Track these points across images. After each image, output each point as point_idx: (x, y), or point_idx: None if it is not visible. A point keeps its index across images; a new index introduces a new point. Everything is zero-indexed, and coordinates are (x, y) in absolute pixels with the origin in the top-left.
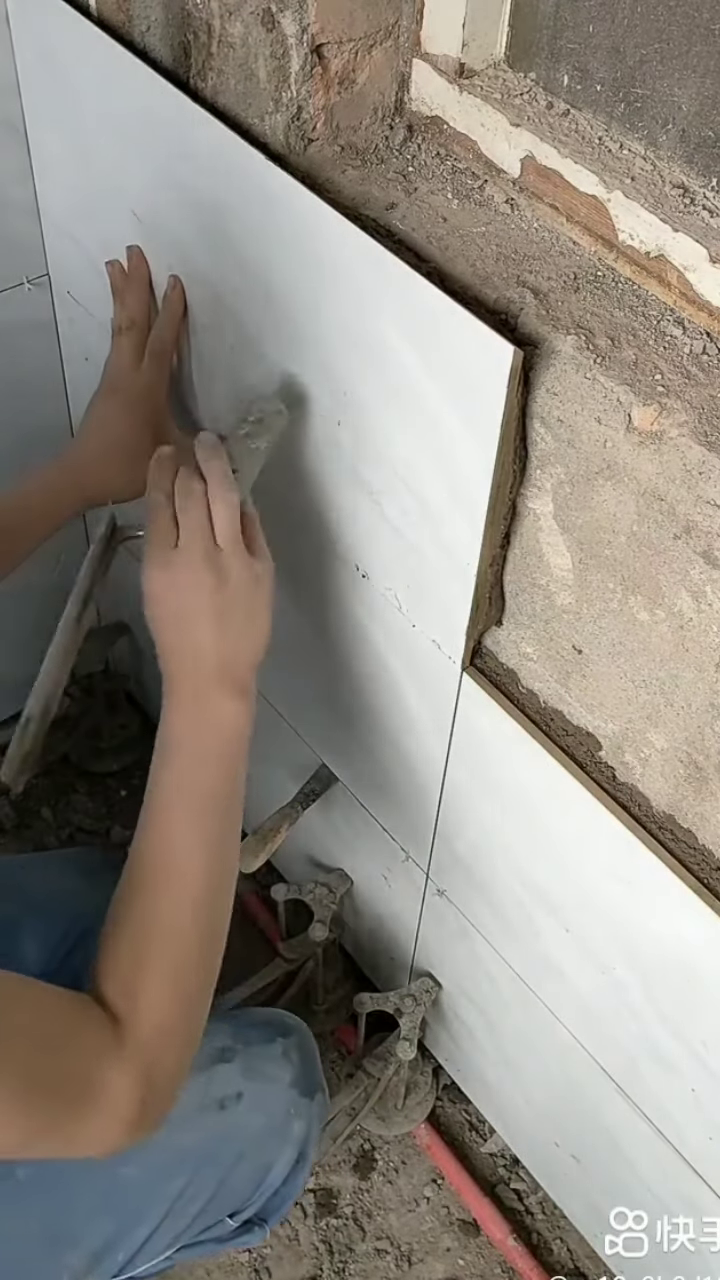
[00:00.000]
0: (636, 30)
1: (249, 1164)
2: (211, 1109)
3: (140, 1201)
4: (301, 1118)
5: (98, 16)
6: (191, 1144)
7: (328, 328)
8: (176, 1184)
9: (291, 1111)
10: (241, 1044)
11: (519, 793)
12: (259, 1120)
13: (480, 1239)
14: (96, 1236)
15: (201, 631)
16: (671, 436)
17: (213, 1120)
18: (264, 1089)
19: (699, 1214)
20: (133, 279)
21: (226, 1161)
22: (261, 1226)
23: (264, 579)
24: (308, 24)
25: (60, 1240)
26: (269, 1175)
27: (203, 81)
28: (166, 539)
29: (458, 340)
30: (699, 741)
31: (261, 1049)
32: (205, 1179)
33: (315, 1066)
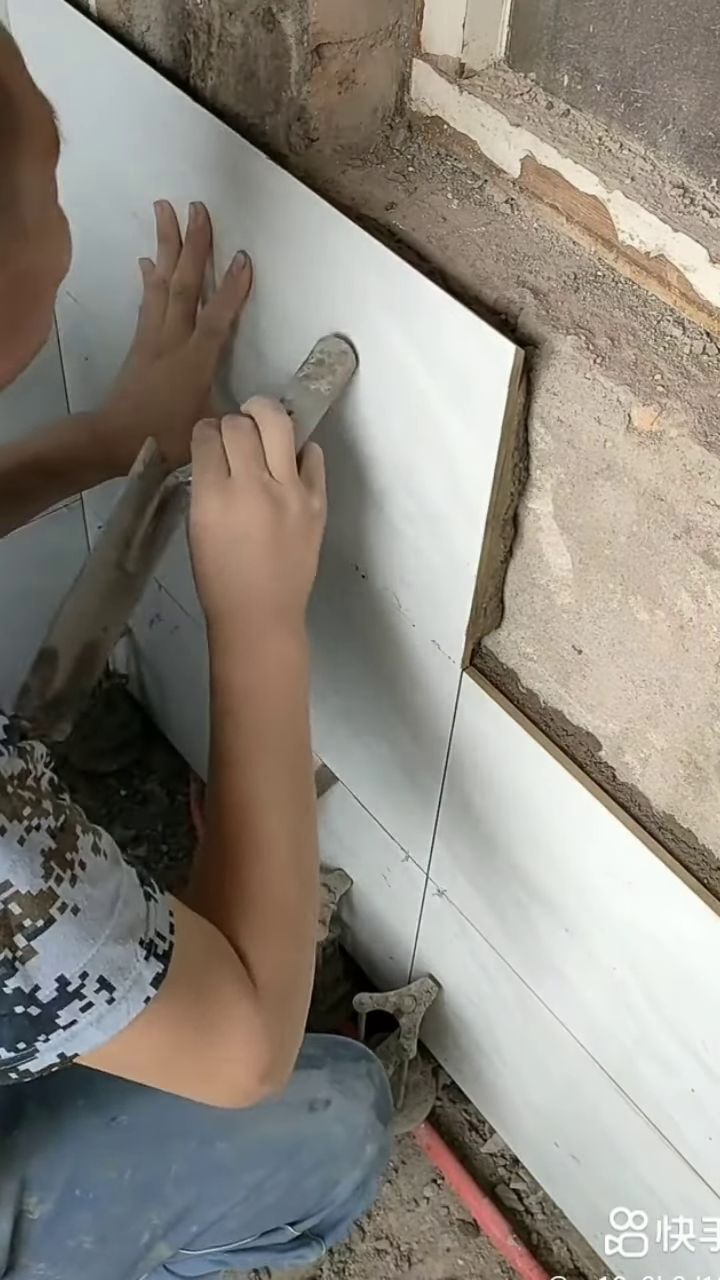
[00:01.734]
0: (636, 30)
1: (321, 1174)
2: (302, 1109)
3: (223, 1179)
4: (375, 1142)
5: (98, 16)
6: (279, 1137)
7: (327, 327)
8: (258, 1173)
9: (368, 1132)
10: (330, 1056)
11: (519, 793)
12: (340, 1132)
13: (480, 1239)
14: (180, 1200)
15: (258, 565)
16: (671, 436)
17: (301, 1120)
18: (350, 1103)
19: (699, 1214)
20: (195, 240)
21: (304, 1165)
22: (318, 1243)
23: (320, 516)
24: (308, 24)
25: (149, 1195)
26: (334, 1190)
27: (203, 81)
28: (219, 466)
29: (458, 340)
30: (699, 741)
31: (348, 1065)
32: (282, 1176)
33: (389, 1099)
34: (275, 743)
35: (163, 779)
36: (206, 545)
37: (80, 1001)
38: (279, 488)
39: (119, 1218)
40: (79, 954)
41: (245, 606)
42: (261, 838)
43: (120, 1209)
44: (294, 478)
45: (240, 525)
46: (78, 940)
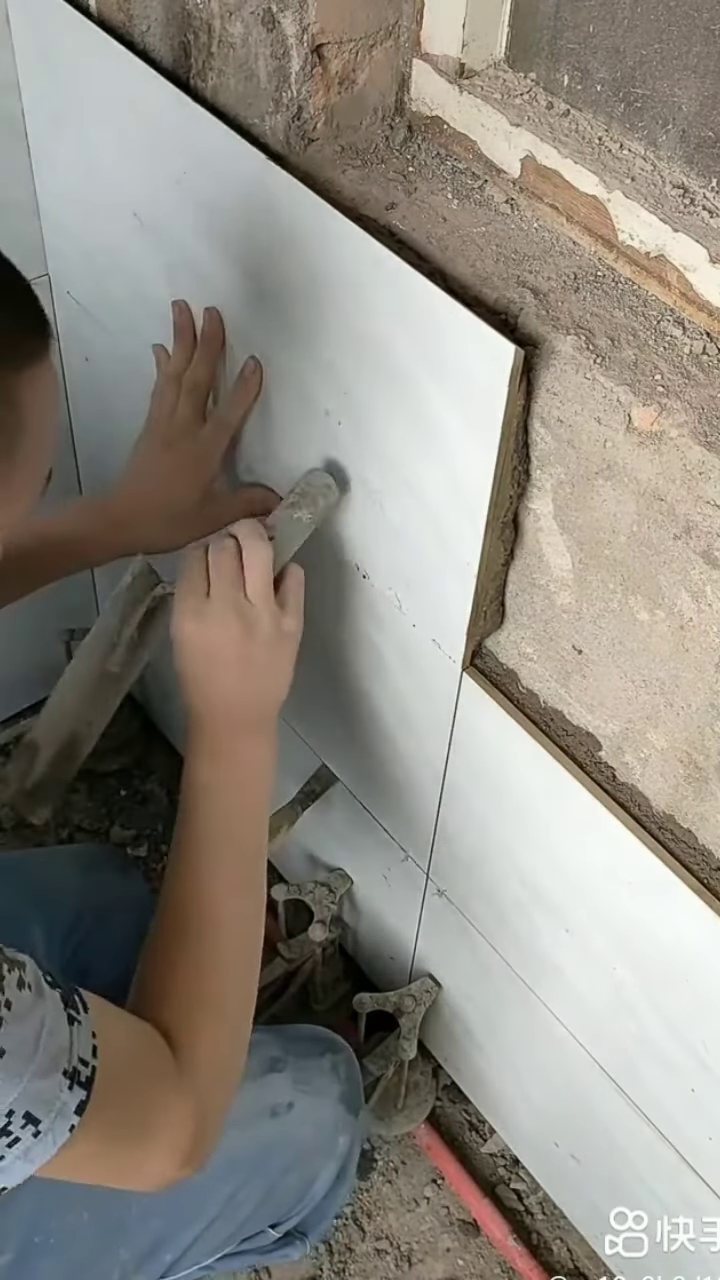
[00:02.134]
0: (636, 30)
1: (295, 1175)
2: (264, 1116)
3: (192, 1203)
4: (346, 1133)
5: (98, 16)
6: (244, 1149)
7: (328, 327)
8: (227, 1189)
9: (338, 1126)
10: (292, 1055)
11: (519, 793)
12: (308, 1132)
13: (480, 1239)
14: (147, 1235)
15: (227, 679)
16: (671, 437)
17: (265, 1128)
18: (314, 1101)
19: (699, 1214)
20: (209, 342)
21: (275, 1170)
22: (302, 1240)
23: (292, 636)
24: (308, 24)
25: (113, 1234)
26: (312, 1188)
27: (203, 81)
28: (198, 589)
29: (459, 340)
30: (699, 741)
31: (312, 1062)
32: (254, 1186)
33: (359, 1086)
34: (233, 837)
35: (163, 779)
36: (186, 656)
37: (7, 1138)
38: (252, 610)
39: (83, 1260)
40: (4, 1094)
41: (218, 713)
42: (208, 930)
43: (84, 1252)
44: (268, 600)
45: (213, 643)
46: (3, 1081)
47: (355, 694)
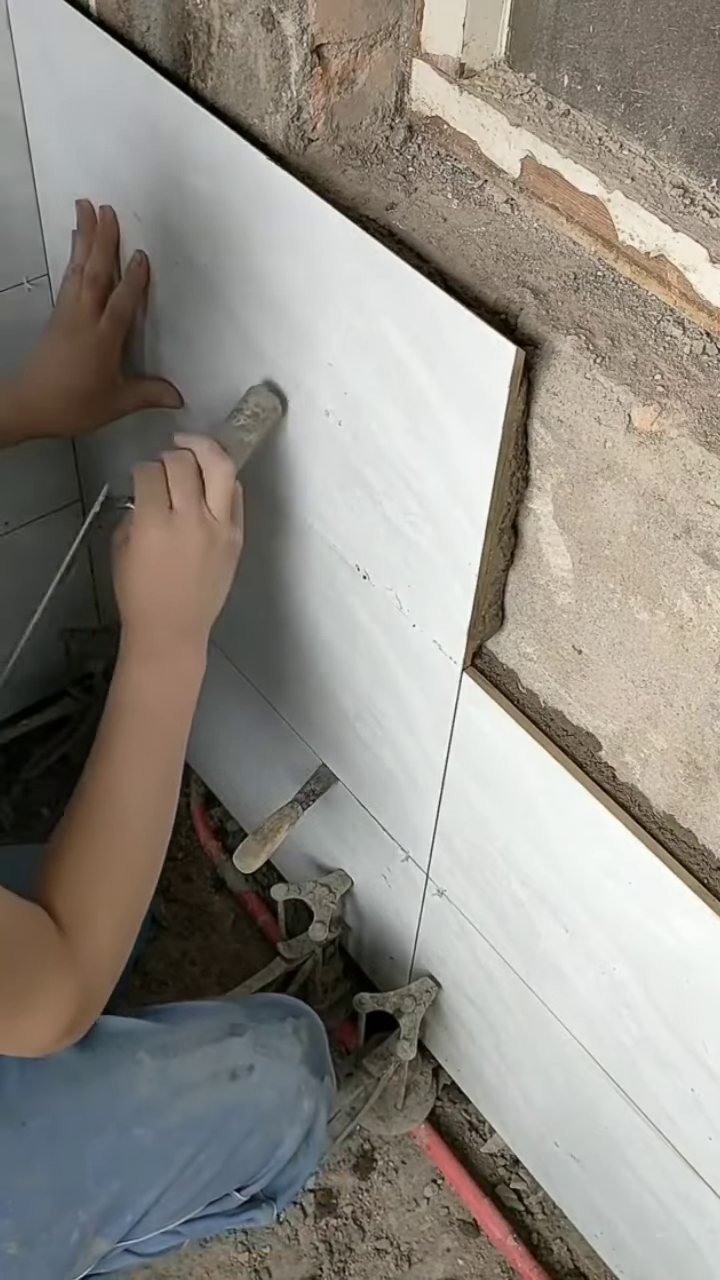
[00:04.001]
0: (636, 31)
1: (258, 1138)
2: (224, 1079)
3: (150, 1164)
4: (310, 1097)
5: (98, 16)
6: (203, 1112)
7: (328, 327)
8: (186, 1150)
9: (301, 1089)
10: (253, 1021)
11: (519, 793)
12: (270, 1095)
13: (480, 1239)
14: (105, 1194)
15: (184, 587)
16: (671, 436)
17: (225, 1090)
18: (275, 1064)
19: (699, 1214)
20: (106, 235)
21: (237, 1133)
22: (269, 1204)
23: (238, 549)
24: (308, 24)
25: (70, 1194)
26: (278, 1151)
27: (203, 81)
28: (161, 499)
29: (459, 340)
30: (699, 741)
31: (273, 1026)
32: (215, 1148)
33: (324, 1050)
34: (157, 737)
35: None
36: (139, 562)
37: None
38: (214, 524)
39: (42, 1221)
40: None
41: (163, 618)
42: (118, 823)
43: (42, 1212)
44: (228, 516)
45: (177, 551)
46: None
47: (356, 694)
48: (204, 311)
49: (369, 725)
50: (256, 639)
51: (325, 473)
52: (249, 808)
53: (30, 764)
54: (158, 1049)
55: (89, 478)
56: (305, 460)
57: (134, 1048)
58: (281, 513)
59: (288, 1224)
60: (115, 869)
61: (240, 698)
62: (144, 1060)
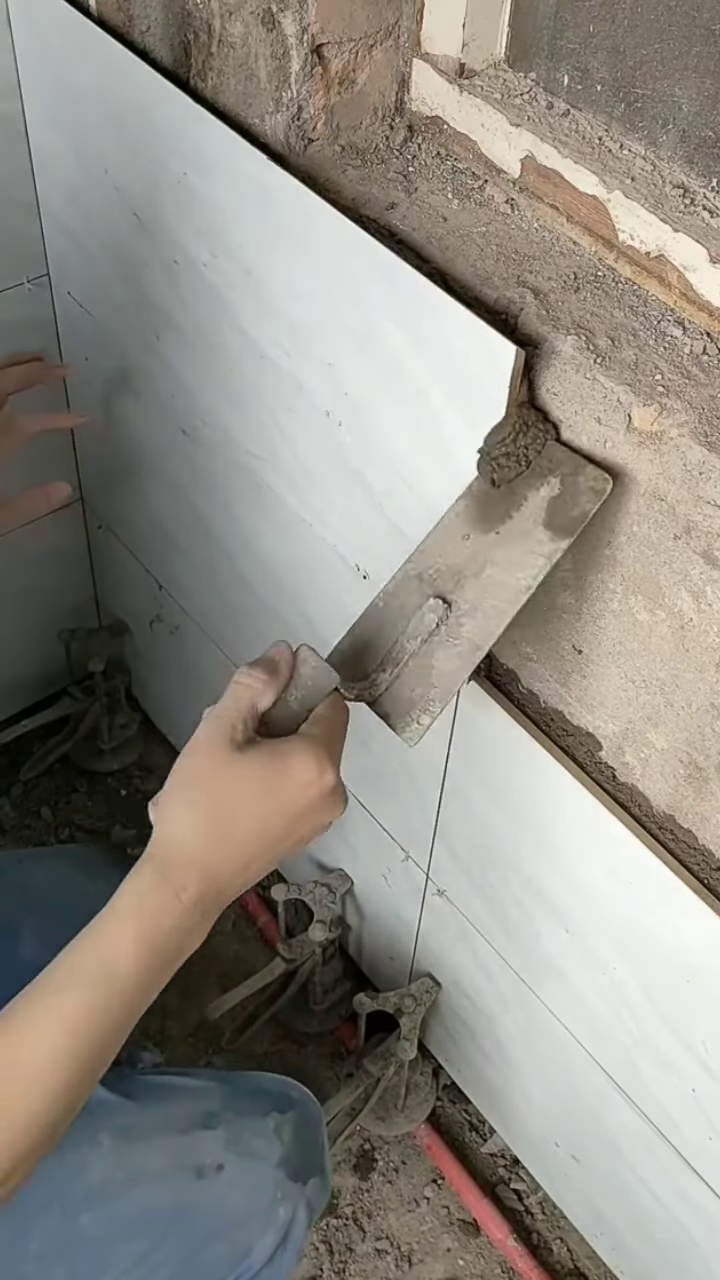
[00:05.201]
0: (636, 30)
1: (223, 1244)
2: (187, 1174)
3: (94, 1254)
4: (288, 1202)
5: (98, 16)
6: (159, 1207)
7: (328, 327)
8: (138, 1246)
9: (278, 1195)
10: (231, 1112)
11: (519, 793)
12: (239, 1198)
13: (480, 1239)
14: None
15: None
16: (671, 437)
17: (186, 1187)
18: (248, 1165)
19: (699, 1214)
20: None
21: (197, 1235)
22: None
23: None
24: (308, 24)
25: (11, 1275)
26: (247, 1259)
27: (203, 81)
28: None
29: (459, 340)
30: (699, 741)
31: (251, 1121)
32: (171, 1248)
33: (313, 1148)
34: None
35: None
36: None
37: None
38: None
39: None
40: None
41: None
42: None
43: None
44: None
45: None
46: None
47: None
48: (203, 311)
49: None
50: (256, 639)
51: (325, 473)
52: None
53: (30, 764)
54: (120, 1130)
55: (89, 478)
56: (305, 460)
57: (97, 1126)
58: (281, 512)
59: None
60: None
61: None
62: (103, 1142)
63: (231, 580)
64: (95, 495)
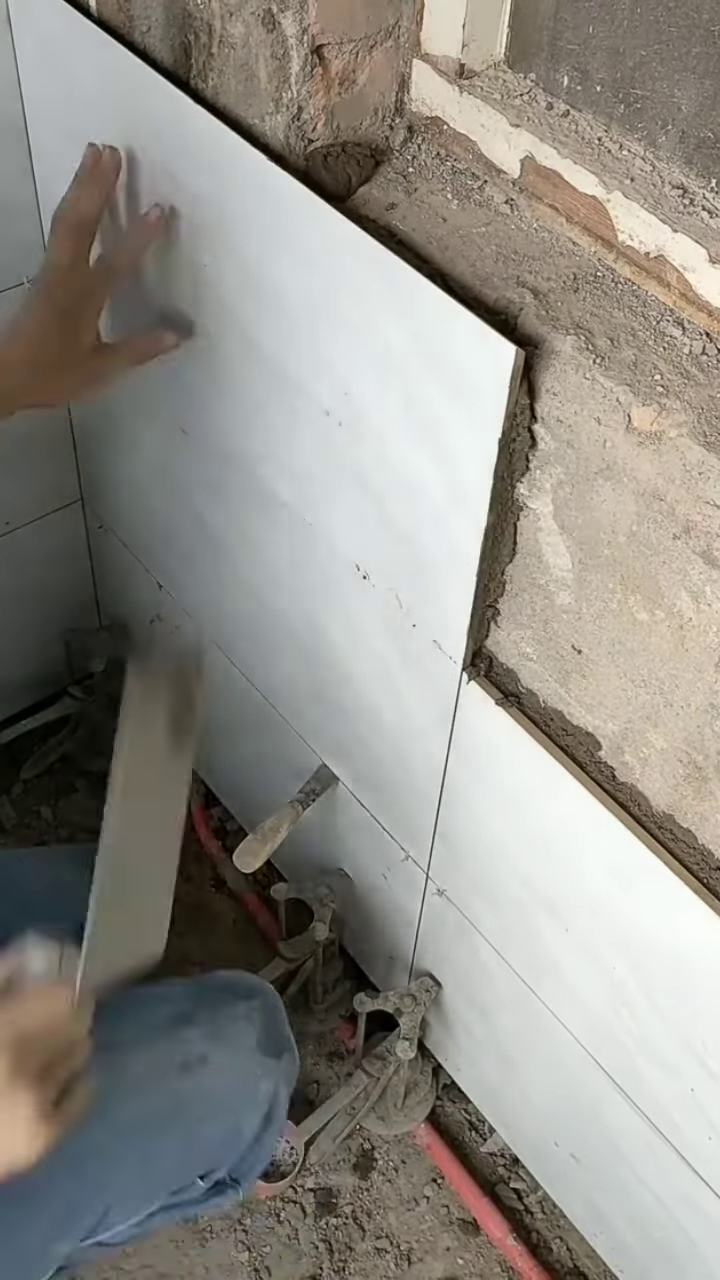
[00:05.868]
0: (636, 31)
1: (215, 1126)
2: (174, 1072)
3: (102, 1163)
4: (269, 1078)
5: (98, 17)
6: (155, 1107)
7: (328, 327)
8: (139, 1145)
9: (258, 1073)
10: (204, 1008)
11: (519, 792)
12: (223, 1083)
13: (480, 1238)
14: (58, 1197)
15: None
16: (671, 437)
17: (176, 1083)
18: (228, 1051)
19: (699, 1214)
20: (97, 176)
21: (191, 1124)
22: (234, 1188)
23: None
24: (308, 24)
25: (23, 1202)
26: (237, 1137)
27: (203, 82)
28: None
29: (459, 340)
30: (699, 741)
31: (225, 1011)
32: (170, 1141)
33: (280, 1027)
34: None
35: None
36: None
37: None
38: None
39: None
40: None
41: None
42: None
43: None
44: None
45: None
46: None
47: (355, 694)
48: (203, 311)
49: (369, 725)
50: (256, 639)
51: (325, 472)
52: (249, 807)
53: (30, 764)
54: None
55: (89, 478)
56: (305, 460)
57: None
58: (281, 512)
59: (288, 1223)
60: None
61: (240, 697)
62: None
63: (232, 580)
64: (95, 495)
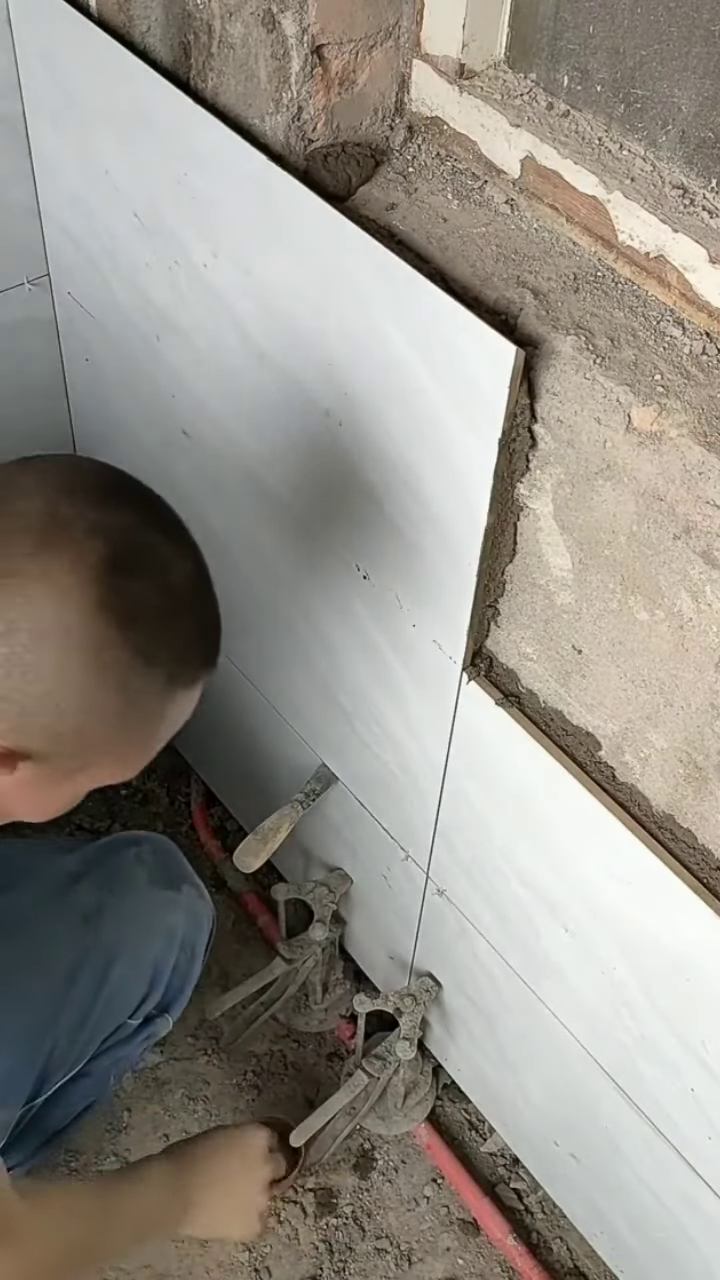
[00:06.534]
0: (636, 31)
1: (125, 967)
2: (76, 926)
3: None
4: (170, 910)
5: (98, 17)
6: (65, 963)
7: (328, 328)
8: (55, 1003)
9: (161, 905)
10: (94, 863)
11: (519, 793)
12: (125, 925)
13: (480, 1238)
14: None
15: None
16: (671, 437)
17: (77, 935)
18: (123, 894)
19: (699, 1213)
20: None
21: (102, 969)
22: (163, 1016)
23: None
24: (308, 24)
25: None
26: (154, 970)
27: (203, 82)
28: None
29: (459, 340)
30: (699, 741)
31: (113, 859)
32: (83, 991)
33: (173, 862)
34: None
35: (163, 779)
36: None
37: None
38: None
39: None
40: None
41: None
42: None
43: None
44: None
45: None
46: None
47: (355, 694)
48: (203, 311)
49: (369, 725)
50: (256, 639)
51: (325, 473)
52: (249, 807)
53: None
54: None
55: None
56: (305, 460)
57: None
58: (282, 513)
59: (288, 1223)
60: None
61: (240, 698)
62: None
63: (232, 580)
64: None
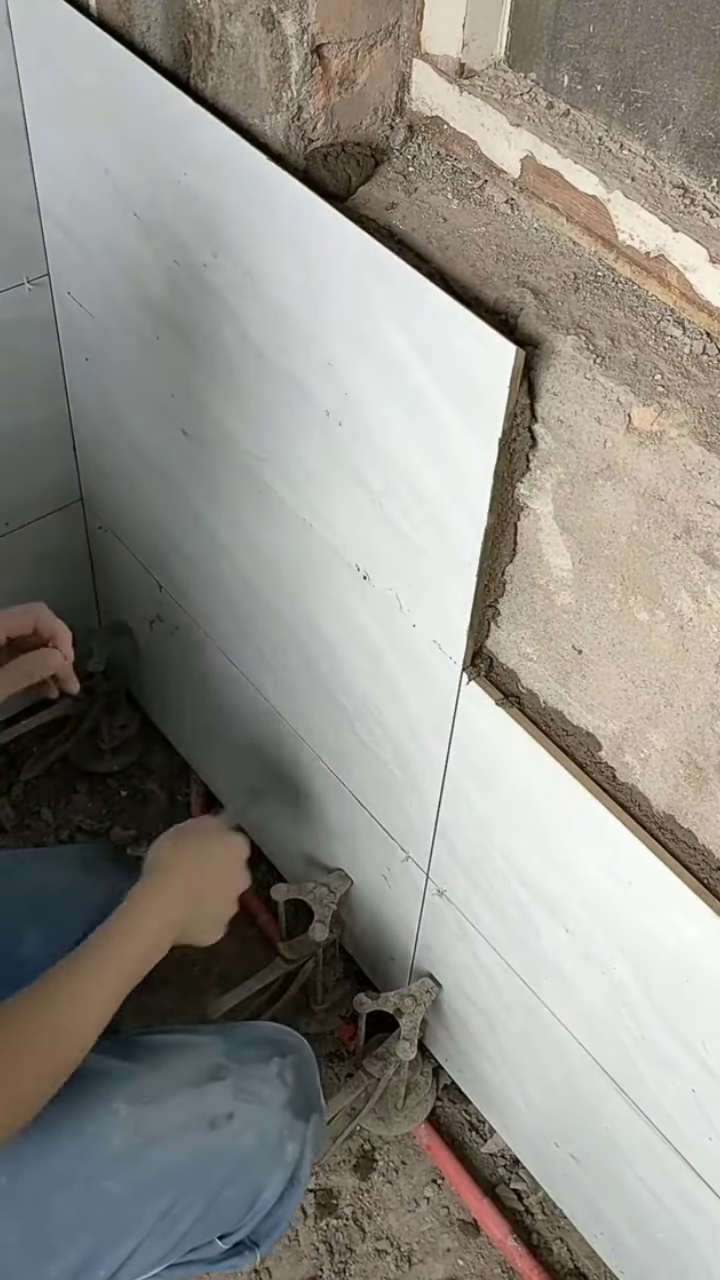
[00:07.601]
0: (636, 30)
1: (238, 1186)
2: (201, 1128)
3: (122, 1218)
4: (295, 1140)
5: (98, 16)
6: (178, 1162)
7: (328, 327)
8: (161, 1202)
9: (284, 1134)
10: (235, 1063)
11: (519, 793)
12: (250, 1142)
13: (480, 1239)
14: (75, 1250)
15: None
16: (671, 437)
17: (201, 1140)
18: (257, 1111)
19: (699, 1214)
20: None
21: (214, 1182)
22: (253, 1249)
23: None
24: (308, 24)
25: (38, 1251)
26: (260, 1198)
27: (203, 81)
28: None
29: (459, 340)
30: (699, 741)
31: (256, 1069)
32: (191, 1199)
33: (312, 1088)
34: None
35: (163, 779)
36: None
37: None
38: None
39: (9, 1277)
40: None
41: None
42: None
43: (8, 1268)
44: None
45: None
46: None
47: (356, 694)
48: (203, 311)
49: (369, 725)
50: (256, 639)
51: (325, 473)
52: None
53: (30, 764)
54: (134, 1096)
55: (89, 478)
56: (305, 460)
57: (110, 1096)
58: (281, 512)
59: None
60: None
61: (240, 697)
62: (119, 1110)
63: (232, 580)
64: (95, 495)
